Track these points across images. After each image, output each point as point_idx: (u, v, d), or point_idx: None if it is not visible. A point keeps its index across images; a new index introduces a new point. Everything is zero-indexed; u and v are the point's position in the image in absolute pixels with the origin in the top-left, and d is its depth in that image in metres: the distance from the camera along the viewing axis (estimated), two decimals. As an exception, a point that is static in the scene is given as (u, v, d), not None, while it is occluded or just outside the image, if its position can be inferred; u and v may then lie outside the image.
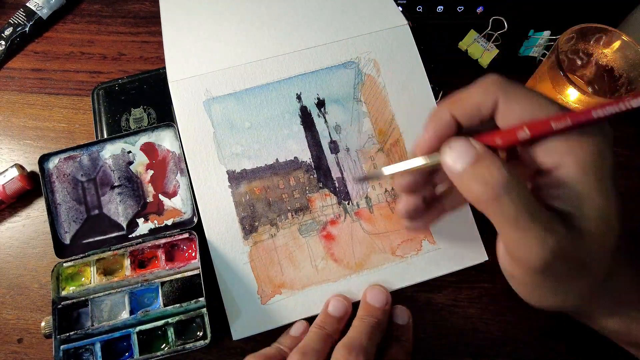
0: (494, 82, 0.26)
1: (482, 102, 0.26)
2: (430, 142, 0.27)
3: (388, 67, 0.39)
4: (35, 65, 0.49)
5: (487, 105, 0.26)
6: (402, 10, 0.40)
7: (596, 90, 0.43)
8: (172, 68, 0.38)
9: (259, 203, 0.37)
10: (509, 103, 0.25)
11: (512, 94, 0.25)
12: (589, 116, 0.23)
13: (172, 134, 0.39)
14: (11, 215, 0.43)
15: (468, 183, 0.25)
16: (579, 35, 0.41)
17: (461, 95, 0.27)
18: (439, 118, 0.27)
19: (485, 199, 0.24)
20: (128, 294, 0.36)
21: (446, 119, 0.27)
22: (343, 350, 0.30)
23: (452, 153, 0.25)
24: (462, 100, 0.27)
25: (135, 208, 0.38)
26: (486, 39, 0.48)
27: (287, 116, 0.38)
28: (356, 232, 0.37)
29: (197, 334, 0.35)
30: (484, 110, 0.26)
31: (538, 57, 0.47)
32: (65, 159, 0.38)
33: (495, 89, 0.26)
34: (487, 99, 0.26)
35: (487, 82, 0.26)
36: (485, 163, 0.24)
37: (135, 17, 0.52)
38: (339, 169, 0.38)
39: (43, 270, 0.41)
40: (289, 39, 0.39)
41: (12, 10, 0.51)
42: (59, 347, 0.34)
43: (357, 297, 0.36)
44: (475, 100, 0.26)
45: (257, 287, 0.36)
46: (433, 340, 0.38)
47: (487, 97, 0.26)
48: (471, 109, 0.26)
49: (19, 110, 0.47)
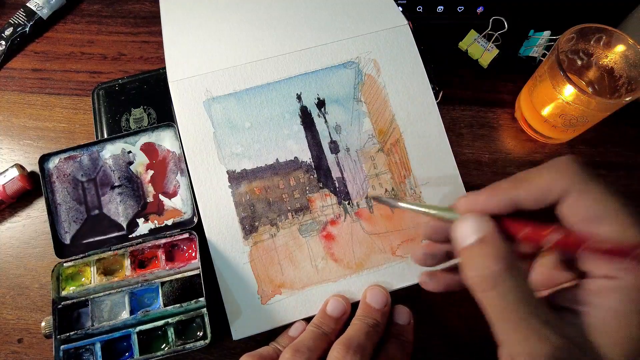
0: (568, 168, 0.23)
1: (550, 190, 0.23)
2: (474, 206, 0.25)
3: (388, 67, 0.39)
4: (36, 65, 0.49)
5: (554, 195, 0.23)
6: (402, 10, 0.40)
7: (596, 90, 0.43)
8: (172, 68, 0.38)
9: (259, 203, 0.37)
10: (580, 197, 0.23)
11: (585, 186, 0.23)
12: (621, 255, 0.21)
13: (172, 134, 0.39)
14: (11, 215, 0.43)
15: (464, 265, 0.24)
16: (579, 35, 0.41)
17: (527, 177, 0.24)
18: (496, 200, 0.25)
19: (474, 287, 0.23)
20: (128, 294, 0.36)
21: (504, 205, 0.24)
22: (340, 348, 0.30)
23: (462, 227, 0.24)
24: (528, 184, 0.24)
25: (136, 208, 0.38)
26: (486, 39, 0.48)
27: (287, 116, 0.38)
28: (356, 232, 0.37)
29: (197, 334, 0.35)
30: (550, 198, 0.23)
31: (538, 57, 0.47)
32: (65, 159, 0.38)
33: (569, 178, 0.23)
34: (558, 188, 0.23)
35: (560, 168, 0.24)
36: (485, 248, 0.23)
37: (135, 17, 0.52)
38: (339, 169, 0.38)
39: (43, 270, 0.41)
40: (289, 39, 0.39)
41: (12, 10, 0.51)
42: (59, 347, 0.34)
43: (356, 297, 0.36)
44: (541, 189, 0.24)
45: (257, 287, 0.36)
46: (433, 340, 0.38)
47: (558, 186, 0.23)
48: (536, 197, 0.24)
49: (19, 110, 0.47)
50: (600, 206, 0.22)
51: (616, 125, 0.46)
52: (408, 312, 0.35)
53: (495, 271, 0.22)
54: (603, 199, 0.23)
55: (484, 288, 0.22)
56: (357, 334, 0.31)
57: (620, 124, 0.46)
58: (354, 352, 0.29)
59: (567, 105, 0.40)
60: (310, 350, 0.31)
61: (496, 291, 0.22)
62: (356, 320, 0.33)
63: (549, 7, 0.48)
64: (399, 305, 0.35)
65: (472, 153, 0.45)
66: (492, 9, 0.48)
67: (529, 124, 0.45)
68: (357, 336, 0.31)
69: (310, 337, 0.32)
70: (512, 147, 0.46)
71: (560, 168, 0.24)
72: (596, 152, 0.45)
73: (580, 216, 0.23)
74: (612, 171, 0.45)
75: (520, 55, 0.49)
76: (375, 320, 0.33)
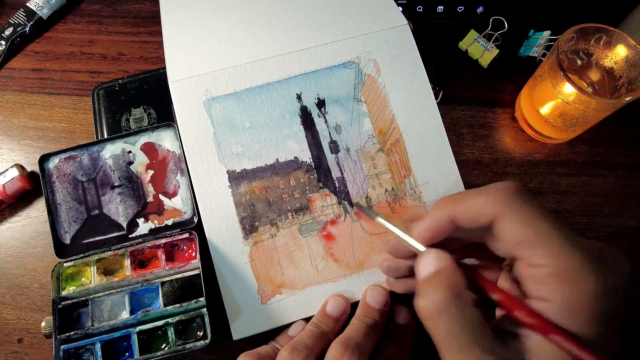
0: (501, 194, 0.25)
1: (482, 213, 0.25)
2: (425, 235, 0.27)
3: (388, 67, 0.39)
4: (36, 65, 0.49)
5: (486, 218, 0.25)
6: (402, 10, 0.40)
7: (596, 90, 0.43)
8: (172, 68, 0.38)
9: (259, 203, 0.37)
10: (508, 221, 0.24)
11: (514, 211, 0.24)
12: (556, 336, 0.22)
13: (172, 134, 0.39)
14: (11, 215, 0.43)
15: (417, 294, 0.25)
16: (579, 35, 0.41)
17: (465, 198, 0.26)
18: (437, 215, 0.27)
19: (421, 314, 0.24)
20: (128, 294, 0.36)
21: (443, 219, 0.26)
22: (339, 347, 0.30)
23: (422, 262, 0.26)
24: (463, 205, 0.26)
25: (136, 208, 0.38)
26: (486, 39, 0.48)
27: (287, 116, 0.38)
28: (356, 232, 0.37)
29: (197, 334, 0.35)
30: (482, 221, 0.25)
31: (538, 57, 0.47)
32: (65, 159, 0.38)
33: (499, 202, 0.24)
34: (489, 212, 0.25)
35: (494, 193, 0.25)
36: (435, 279, 0.25)
37: (135, 17, 0.52)
38: (339, 169, 0.38)
39: (43, 270, 0.41)
40: (289, 39, 0.39)
41: (12, 10, 0.51)
42: (59, 347, 0.34)
43: (356, 297, 0.36)
44: (475, 211, 0.25)
45: (257, 287, 0.36)
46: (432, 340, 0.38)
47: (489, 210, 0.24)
48: (469, 218, 0.25)
49: (19, 110, 0.47)
50: (531, 231, 0.23)
51: (616, 125, 0.46)
52: (408, 312, 0.35)
53: (442, 300, 0.24)
54: (534, 223, 0.23)
55: (431, 316, 0.24)
56: (355, 334, 0.31)
57: (620, 124, 0.46)
58: (351, 351, 0.29)
59: (567, 105, 0.40)
60: (308, 348, 0.31)
61: (442, 319, 0.23)
62: (355, 320, 0.33)
63: (549, 7, 0.48)
64: (399, 305, 0.35)
65: (472, 153, 0.45)
66: (492, 9, 0.48)
67: (529, 124, 0.45)
68: (356, 336, 0.31)
69: (309, 336, 0.32)
70: (512, 147, 0.46)
71: (496, 192, 0.25)
72: (596, 152, 0.45)
73: (512, 240, 0.24)
74: (612, 171, 0.45)
75: (520, 55, 0.49)
76: (375, 320, 0.33)
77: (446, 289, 0.24)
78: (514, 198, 0.24)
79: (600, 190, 0.44)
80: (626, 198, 0.44)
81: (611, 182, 0.44)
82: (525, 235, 0.23)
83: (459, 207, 0.26)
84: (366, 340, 0.31)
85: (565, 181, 0.44)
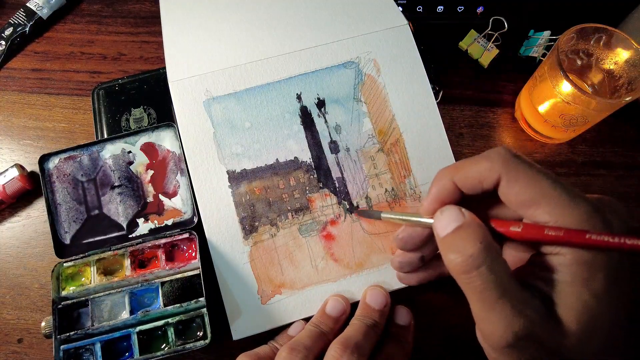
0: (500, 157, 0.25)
1: (484, 177, 0.26)
2: (431, 206, 0.28)
3: (388, 67, 0.39)
4: (36, 65, 0.49)
5: (489, 181, 0.25)
6: (402, 10, 0.40)
7: (596, 90, 0.43)
8: (172, 68, 0.38)
9: (259, 203, 0.37)
10: (510, 182, 0.25)
11: (515, 172, 0.25)
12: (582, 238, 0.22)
13: (172, 134, 0.39)
14: (11, 215, 0.43)
15: (445, 250, 0.25)
16: (579, 35, 0.41)
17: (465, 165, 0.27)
18: (441, 184, 0.27)
19: (456, 270, 0.24)
20: (128, 294, 0.36)
21: (448, 186, 0.27)
22: (338, 347, 0.30)
23: (442, 219, 0.26)
24: (464, 170, 0.27)
25: (135, 208, 0.38)
26: (486, 39, 0.48)
27: (287, 116, 0.38)
28: (356, 232, 0.37)
29: (197, 334, 0.35)
30: (485, 185, 0.26)
31: (538, 57, 0.47)
32: (65, 159, 0.38)
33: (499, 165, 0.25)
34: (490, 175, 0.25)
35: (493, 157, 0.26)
36: (464, 233, 0.24)
37: (135, 17, 0.52)
38: (339, 169, 0.38)
39: (43, 270, 0.41)
40: (289, 39, 0.39)
41: (12, 10, 0.51)
42: (59, 347, 0.34)
43: (356, 297, 0.36)
44: (477, 174, 0.26)
45: (257, 287, 0.36)
46: (433, 340, 0.38)
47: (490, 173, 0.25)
48: (472, 181, 0.26)
49: (19, 110, 0.47)
50: (534, 189, 0.24)
51: (616, 125, 0.46)
52: (408, 313, 0.35)
53: (476, 252, 0.23)
54: (536, 182, 0.24)
55: (466, 270, 0.24)
56: (355, 334, 0.31)
57: (620, 124, 0.46)
58: (351, 351, 0.29)
59: (567, 105, 0.40)
60: (307, 348, 0.30)
61: (477, 271, 0.23)
62: (355, 320, 0.33)
63: (549, 7, 0.48)
64: (399, 306, 0.35)
65: (472, 153, 0.45)
66: (492, 9, 0.48)
67: (529, 124, 0.45)
68: (355, 336, 0.31)
69: (308, 336, 0.32)
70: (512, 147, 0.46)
71: (496, 156, 0.26)
72: (596, 152, 0.45)
73: (517, 200, 0.25)
74: (612, 171, 0.45)
75: (520, 55, 0.49)
76: (374, 321, 0.33)
77: (478, 241, 0.24)
78: (513, 160, 0.25)
79: (600, 190, 0.44)
80: (626, 198, 0.44)
81: (611, 182, 0.44)
82: (530, 194, 0.24)
83: (462, 174, 0.27)
84: (366, 340, 0.31)
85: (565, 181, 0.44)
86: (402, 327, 0.34)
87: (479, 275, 0.23)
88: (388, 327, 0.34)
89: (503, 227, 0.25)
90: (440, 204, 0.27)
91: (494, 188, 0.26)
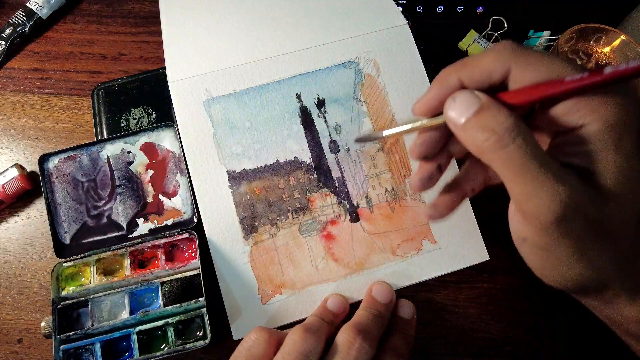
0: (507, 48, 0.25)
1: (493, 68, 0.25)
2: (432, 101, 0.26)
3: (388, 67, 0.39)
4: (35, 65, 0.49)
5: (499, 72, 0.25)
6: (402, 10, 0.40)
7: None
8: (172, 68, 0.38)
9: (259, 203, 0.37)
10: (522, 68, 0.24)
11: (525, 58, 0.24)
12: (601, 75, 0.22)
13: (172, 134, 0.39)
14: (11, 215, 0.43)
15: (472, 133, 0.24)
16: (579, 35, 0.41)
17: (472, 60, 0.26)
18: (444, 80, 0.26)
19: (490, 148, 0.23)
20: (128, 294, 0.36)
21: (452, 82, 0.26)
22: (350, 331, 0.30)
23: (456, 105, 0.24)
24: (472, 65, 0.25)
25: (135, 208, 0.38)
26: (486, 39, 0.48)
27: (287, 116, 0.38)
28: (356, 232, 0.37)
29: (197, 334, 0.35)
30: (495, 76, 0.25)
31: (538, 57, 0.47)
32: (65, 159, 0.38)
33: (507, 55, 0.24)
34: (499, 65, 0.24)
35: (500, 48, 0.25)
36: (490, 111, 0.23)
37: (135, 17, 0.52)
38: (339, 168, 0.38)
39: (43, 270, 0.41)
40: (289, 39, 0.39)
41: (12, 10, 0.51)
42: (59, 347, 0.34)
43: (356, 298, 0.36)
44: (486, 66, 0.25)
45: (257, 287, 0.36)
46: (433, 340, 0.38)
47: (499, 64, 0.25)
48: (481, 74, 0.25)
49: (19, 110, 0.47)
50: (545, 70, 0.23)
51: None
52: (412, 307, 0.35)
53: (507, 127, 0.22)
54: (545, 64, 0.24)
55: (499, 147, 0.23)
56: (365, 321, 0.31)
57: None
58: (363, 337, 0.29)
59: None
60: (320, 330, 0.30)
61: (511, 147, 0.22)
62: (362, 310, 0.33)
63: (549, 7, 0.48)
64: (403, 300, 0.35)
65: (472, 153, 0.45)
66: (492, 9, 0.48)
67: (529, 124, 0.45)
68: (366, 322, 0.31)
69: (316, 321, 0.32)
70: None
71: (502, 48, 0.25)
72: (596, 152, 0.45)
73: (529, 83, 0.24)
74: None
75: (520, 55, 0.48)
76: (380, 312, 0.33)
77: (508, 115, 0.23)
78: (521, 48, 0.24)
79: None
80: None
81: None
82: (544, 75, 0.23)
83: (469, 69, 0.25)
84: (375, 327, 0.31)
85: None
86: (405, 320, 0.34)
87: (518, 147, 0.22)
88: (392, 320, 0.34)
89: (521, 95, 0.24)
90: (441, 102, 0.26)
91: (502, 81, 0.25)
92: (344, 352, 0.29)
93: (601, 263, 0.24)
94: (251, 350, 0.30)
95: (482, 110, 0.23)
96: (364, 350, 0.29)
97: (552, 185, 0.22)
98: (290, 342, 0.29)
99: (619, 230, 0.23)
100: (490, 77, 0.25)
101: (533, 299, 0.34)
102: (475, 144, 0.24)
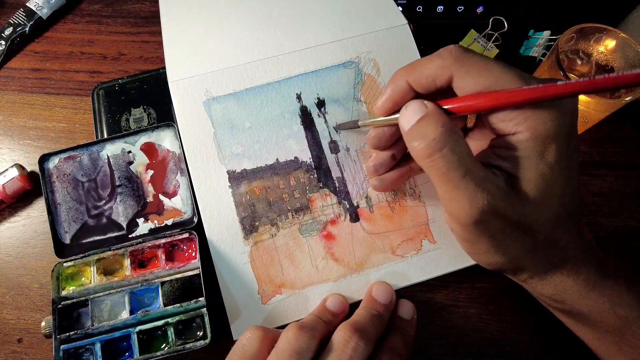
0: (451, 55, 0.27)
1: (436, 75, 0.27)
2: (386, 103, 0.30)
3: (388, 67, 0.39)
4: (35, 65, 0.49)
5: (442, 78, 0.27)
6: (402, 10, 0.40)
7: (596, 90, 0.43)
8: (172, 68, 0.38)
9: (259, 203, 0.37)
10: (461, 77, 0.26)
11: (466, 67, 0.26)
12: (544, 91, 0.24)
13: (172, 134, 0.39)
14: (11, 215, 0.43)
15: (410, 139, 0.26)
16: (579, 35, 0.41)
17: (419, 64, 0.28)
18: (395, 84, 0.29)
19: (420, 154, 0.26)
20: (128, 294, 0.36)
21: (402, 85, 0.29)
22: (347, 329, 0.30)
23: (406, 113, 0.27)
24: (418, 70, 0.28)
25: (135, 208, 0.38)
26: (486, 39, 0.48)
27: (287, 116, 0.38)
28: (356, 232, 0.37)
29: (197, 334, 0.35)
30: (439, 83, 0.27)
31: (538, 57, 0.47)
32: (65, 159, 0.38)
33: (451, 62, 0.27)
34: (442, 72, 0.27)
35: (444, 55, 0.27)
36: (427, 120, 0.26)
37: (135, 17, 0.52)
38: (339, 168, 0.38)
39: (43, 270, 0.41)
40: (289, 39, 0.39)
41: (12, 10, 0.51)
42: (59, 347, 0.34)
43: (355, 298, 0.36)
44: (430, 72, 0.27)
45: (257, 287, 0.36)
46: (433, 340, 0.38)
47: (442, 71, 0.27)
48: (426, 80, 0.28)
49: (19, 110, 0.47)
50: (484, 79, 0.26)
51: (616, 125, 0.46)
52: (412, 307, 0.35)
53: (437, 136, 0.25)
54: (485, 72, 0.26)
55: (429, 153, 0.25)
56: (363, 320, 0.31)
57: (620, 124, 0.46)
58: (359, 335, 0.29)
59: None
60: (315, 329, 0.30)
61: (440, 154, 0.25)
62: (361, 310, 0.33)
63: (549, 7, 0.48)
64: (403, 300, 0.35)
65: (472, 153, 0.45)
66: (492, 8, 0.48)
67: (529, 124, 0.45)
68: (363, 322, 0.31)
69: (313, 320, 0.32)
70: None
71: (444, 55, 0.27)
72: (596, 152, 0.45)
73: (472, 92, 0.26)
74: (612, 171, 0.45)
75: (520, 55, 0.49)
76: (379, 312, 0.33)
77: (439, 126, 0.25)
78: (464, 54, 0.27)
79: (600, 190, 0.44)
80: (626, 198, 0.44)
81: (611, 182, 0.44)
82: (484, 83, 0.26)
83: (416, 73, 0.28)
84: (372, 327, 0.31)
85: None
86: (405, 321, 0.34)
87: (442, 157, 0.25)
88: (391, 320, 0.34)
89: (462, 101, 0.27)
90: (394, 103, 0.29)
91: (448, 85, 0.27)
92: (339, 350, 0.29)
93: (516, 253, 0.28)
94: (245, 348, 0.30)
95: (422, 119, 0.26)
96: (359, 348, 0.29)
97: (472, 193, 0.25)
98: (284, 339, 0.29)
99: (536, 226, 0.26)
100: (434, 83, 0.28)
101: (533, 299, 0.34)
102: (412, 149, 0.27)
